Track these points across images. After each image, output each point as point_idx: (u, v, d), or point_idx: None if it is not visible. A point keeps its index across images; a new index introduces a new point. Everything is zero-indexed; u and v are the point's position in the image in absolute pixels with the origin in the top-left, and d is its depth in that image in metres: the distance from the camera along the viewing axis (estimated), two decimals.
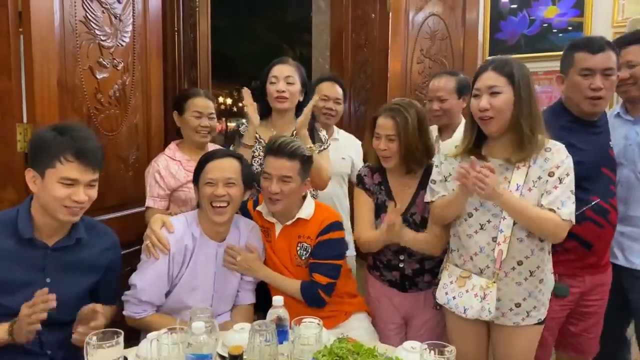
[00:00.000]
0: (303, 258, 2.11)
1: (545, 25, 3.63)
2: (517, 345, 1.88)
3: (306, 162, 2.10)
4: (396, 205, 1.99)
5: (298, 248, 2.11)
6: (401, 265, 2.16)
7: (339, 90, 2.91)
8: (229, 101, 14.51)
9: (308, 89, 2.50)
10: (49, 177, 1.64)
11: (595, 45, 1.96)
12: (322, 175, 2.35)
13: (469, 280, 1.85)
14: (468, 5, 3.50)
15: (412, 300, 2.19)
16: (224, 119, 13.15)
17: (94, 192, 1.72)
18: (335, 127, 3.01)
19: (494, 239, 1.80)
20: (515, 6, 3.70)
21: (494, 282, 1.79)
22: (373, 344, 1.58)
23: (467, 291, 1.84)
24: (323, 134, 2.54)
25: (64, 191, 1.64)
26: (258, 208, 2.19)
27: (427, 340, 1.44)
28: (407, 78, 3.45)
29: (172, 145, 2.45)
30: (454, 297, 1.88)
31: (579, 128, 2.04)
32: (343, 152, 2.89)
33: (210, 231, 2.02)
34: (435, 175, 1.95)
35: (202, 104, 2.41)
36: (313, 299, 2.07)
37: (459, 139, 1.91)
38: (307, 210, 2.13)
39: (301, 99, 2.45)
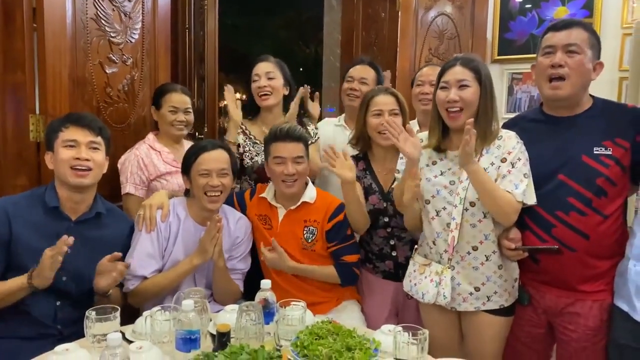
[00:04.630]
0: (309, 241, 2.18)
1: None
2: (484, 334, 1.93)
3: (307, 144, 2.23)
4: (383, 189, 2.22)
5: (305, 231, 2.19)
6: (394, 253, 2.24)
7: (368, 72, 2.76)
8: (245, 97, 14.63)
9: (292, 85, 2.62)
10: (56, 148, 1.87)
11: (561, 23, 1.85)
12: (312, 166, 2.43)
13: (428, 267, 1.93)
14: (477, 5, 3.53)
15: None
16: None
17: (98, 156, 1.91)
18: None
19: (448, 225, 1.86)
20: (525, 6, 3.70)
21: (448, 268, 1.87)
22: (362, 330, 1.64)
23: (425, 277, 1.92)
24: (311, 128, 2.63)
25: (67, 153, 1.86)
26: (262, 195, 2.25)
27: None
28: None
29: (151, 136, 2.47)
30: (415, 284, 1.96)
31: (536, 127, 1.92)
32: None
33: (199, 217, 2.11)
34: (400, 165, 2.04)
35: (178, 99, 2.44)
36: (349, 277, 2.21)
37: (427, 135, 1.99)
38: (310, 193, 2.22)
39: (286, 93, 2.58)
